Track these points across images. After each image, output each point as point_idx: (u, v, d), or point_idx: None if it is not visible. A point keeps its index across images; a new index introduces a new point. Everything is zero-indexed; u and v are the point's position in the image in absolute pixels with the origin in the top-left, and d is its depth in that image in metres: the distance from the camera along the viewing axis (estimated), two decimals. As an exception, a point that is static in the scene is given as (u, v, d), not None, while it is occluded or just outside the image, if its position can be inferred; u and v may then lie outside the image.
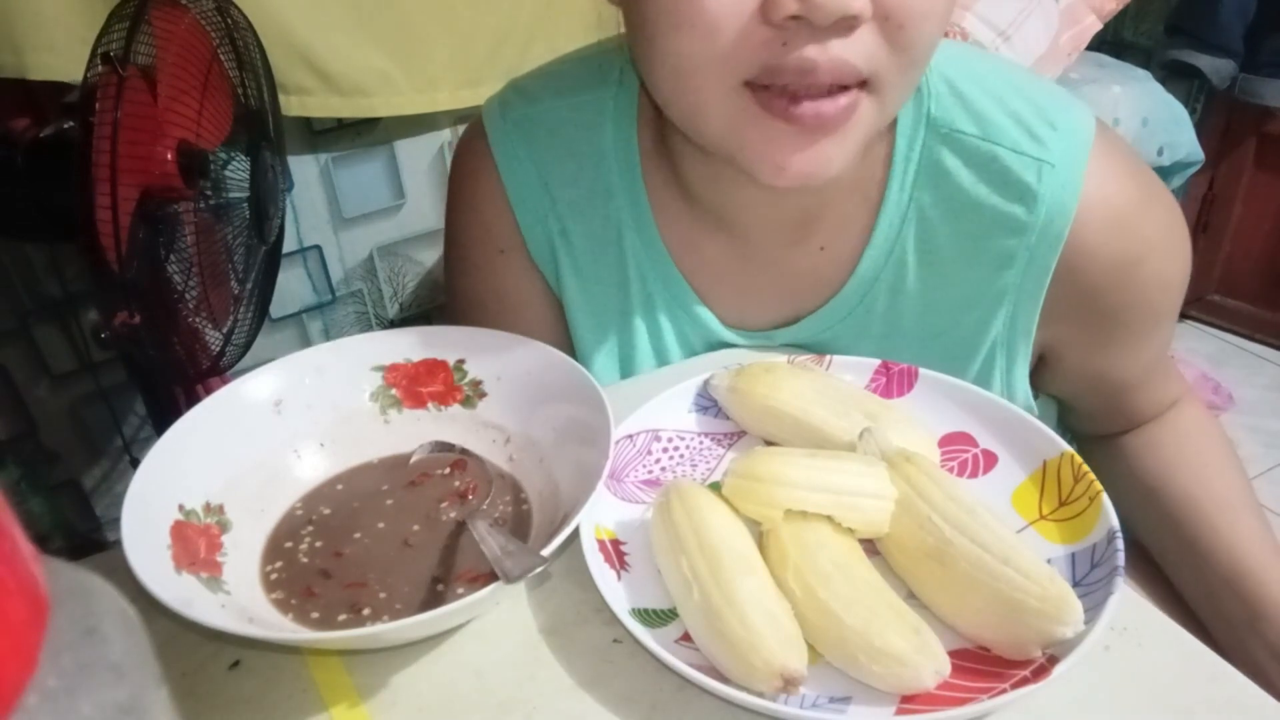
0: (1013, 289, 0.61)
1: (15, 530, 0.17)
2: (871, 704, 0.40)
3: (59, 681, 0.16)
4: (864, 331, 0.65)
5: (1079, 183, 0.57)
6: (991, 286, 0.61)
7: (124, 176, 0.81)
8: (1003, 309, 0.62)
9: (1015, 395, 0.66)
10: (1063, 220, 0.58)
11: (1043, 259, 0.59)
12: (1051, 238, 0.59)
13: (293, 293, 1.55)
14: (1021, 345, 0.64)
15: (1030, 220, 0.58)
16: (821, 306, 0.65)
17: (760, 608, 0.41)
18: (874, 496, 0.45)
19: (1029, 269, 0.60)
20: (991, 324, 0.63)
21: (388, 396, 0.58)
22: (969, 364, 0.65)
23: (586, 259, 0.68)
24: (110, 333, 0.88)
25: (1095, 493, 0.47)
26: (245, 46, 0.95)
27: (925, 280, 0.63)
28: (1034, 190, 0.58)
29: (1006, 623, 0.41)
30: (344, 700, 0.43)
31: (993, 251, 0.60)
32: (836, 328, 0.65)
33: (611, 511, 0.51)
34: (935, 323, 0.64)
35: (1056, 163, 0.57)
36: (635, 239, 0.66)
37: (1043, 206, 0.58)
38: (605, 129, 0.65)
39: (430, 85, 1.42)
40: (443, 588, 0.47)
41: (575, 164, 0.66)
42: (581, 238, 0.68)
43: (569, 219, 0.67)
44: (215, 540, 0.48)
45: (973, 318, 0.63)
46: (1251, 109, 2.03)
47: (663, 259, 0.66)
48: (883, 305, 0.64)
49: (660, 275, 0.67)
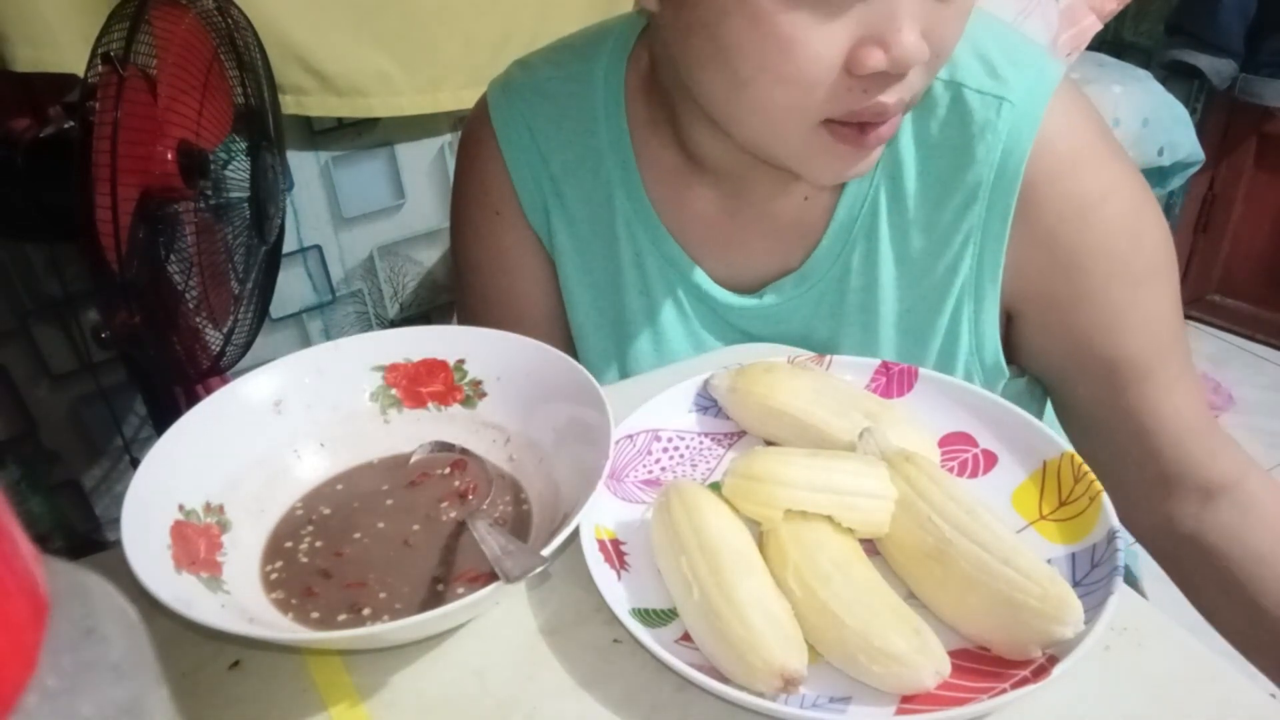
0: (978, 229, 0.62)
1: (15, 530, 0.17)
2: (871, 704, 0.40)
3: (59, 681, 0.16)
4: (844, 286, 0.66)
5: (1037, 119, 0.59)
6: (958, 228, 0.62)
7: (124, 176, 0.81)
8: (969, 250, 0.63)
9: (984, 346, 0.66)
10: (1019, 155, 0.59)
11: (1003, 197, 0.60)
12: (1009, 173, 0.60)
13: (293, 293, 1.55)
14: (989, 290, 0.64)
15: (988, 157, 0.60)
16: (805, 260, 0.66)
17: (760, 608, 0.41)
18: (874, 496, 0.45)
19: (991, 207, 0.61)
20: (960, 267, 0.63)
21: (388, 396, 0.58)
22: (940, 313, 0.65)
23: (580, 221, 0.71)
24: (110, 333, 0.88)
25: (1095, 493, 0.47)
26: (245, 46, 0.95)
27: (897, 226, 0.64)
28: (993, 125, 0.59)
29: (1006, 623, 0.41)
30: (344, 700, 0.43)
31: (958, 191, 0.61)
32: (820, 285, 0.67)
33: (611, 511, 0.51)
34: (909, 271, 0.65)
35: (1016, 101, 0.59)
36: (624, 200, 0.69)
37: (999, 142, 0.59)
38: (596, 95, 0.68)
39: (432, 86, 1.42)
40: (443, 588, 0.47)
41: (568, 129, 0.69)
42: (575, 200, 0.71)
43: (563, 182, 0.70)
44: (215, 540, 0.48)
45: (943, 263, 0.64)
46: (1251, 109, 2.03)
47: (650, 218, 0.68)
48: (860, 256, 0.65)
49: (649, 234, 0.69)
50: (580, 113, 0.69)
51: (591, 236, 0.71)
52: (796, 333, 0.69)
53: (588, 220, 0.71)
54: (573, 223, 0.71)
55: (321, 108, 1.36)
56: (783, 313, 0.69)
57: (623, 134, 0.68)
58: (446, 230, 1.66)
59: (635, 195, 0.68)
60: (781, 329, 0.69)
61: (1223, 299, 2.30)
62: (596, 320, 0.74)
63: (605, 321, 0.74)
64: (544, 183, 0.71)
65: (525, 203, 0.72)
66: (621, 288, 0.71)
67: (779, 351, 0.62)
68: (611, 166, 0.69)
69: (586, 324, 0.74)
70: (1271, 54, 1.93)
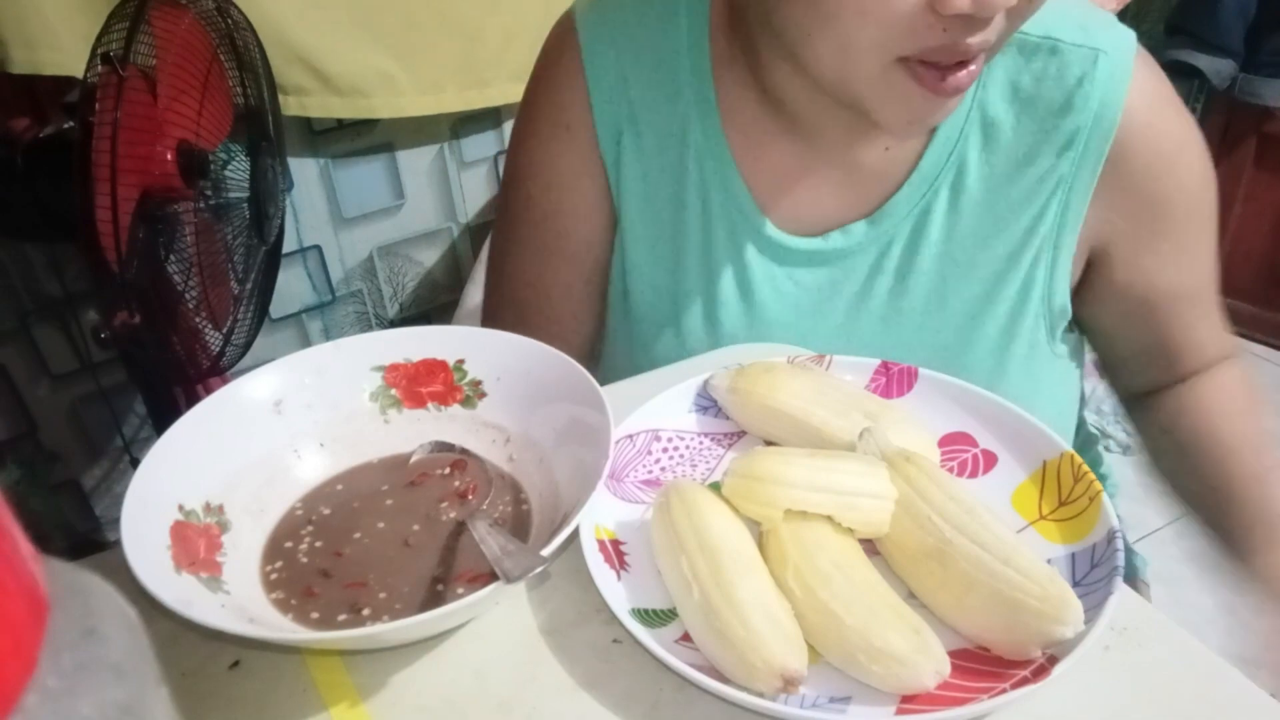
0: (1067, 177, 0.64)
1: (15, 530, 0.17)
2: (871, 704, 0.40)
3: (59, 681, 0.16)
4: (921, 236, 0.67)
5: (1129, 72, 0.62)
6: (1051, 176, 0.64)
7: (124, 176, 0.81)
8: (1055, 199, 0.65)
9: (1056, 291, 0.68)
10: (1115, 104, 0.62)
11: (1097, 145, 0.63)
12: (1106, 122, 0.62)
13: (293, 293, 1.55)
14: (1068, 240, 0.66)
15: (1086, 105, 0.62)
16: (879, 207, 0.67)
17: (760, 608, 0.41)
18: (874, 496, 0.45)
19: (1084, 156, 0.63)
20: (1045, 215, 0.65)
21: (388, 396, 0.58)
22: (1019, 260, 0.66)
23: (650, 151, 0.71)
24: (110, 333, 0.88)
25: (1095, 493, 0.47)
26: (245, 46, 0.95)
27: (987, 180, 0.65)
28: (1091, 75, 0.61)
29: (1006, 623, 0.41)
30: (344, 700, 0.43)
31: (1052, 140, 0.63)
32: (893, 231, 0.67)
33: (611, 511, 0.51)
34: (993, 223, 0.66)
35: (1110, 51, 0.61)
36: (699, 135, 0.69)
37: (1098, 90, 0.62)
38: (680, 26, 0.69)
39: (435, 87, 1.42)
40: (443, 588, 0.47)
41: (652, 59, 0.70)
42: (649, 129, 0.71)
43: (640, 108, 0.70)
44: (215, 540, 0.48)
45: (1029, 212, 0.65)
46: (1251, 109, 2.03)
47: (724, 156, 0.69)
48: (943, 206, 0.66)
49: (719, 172, 0.69)
50: (663, 41, 0.69)
51: (660, 167, 0.71)
52: (856, 285, 0.69)
53: (658, 151, 0.71)
54: (643, 152, 0.71)
55: (323, 108, 1.36)
56: (846, 257, 0.68)
57: (705, 68, 0.68)
58: (446, 230, 1.67)
59: (711, 130, 0.68)
60: (842, 278, 0.69)
61: (1223, 299, 2.29)
62: (650, 251, 0.74)
63: (661, 254, 0.73)
64: (621, 106, 0.71)
65: (600, 123, 0.71)
66: (683, 221, 0.71)
67: (779, 351, 0.62)
68: (690, 99, 0.69)
69: (640, 253, 0.74)
70: (1271, 54, 1.93)
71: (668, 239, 0.72)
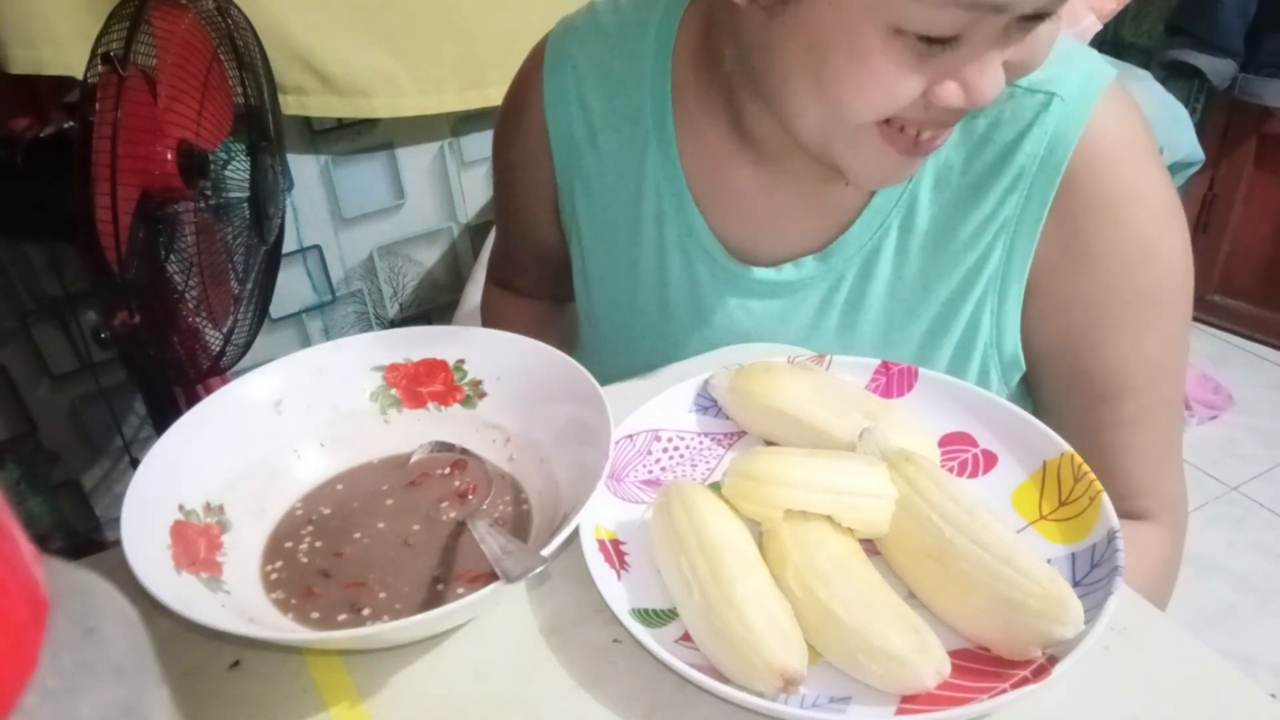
0: (1013, 219, 0.62)
1: (15, 530, 0.17)
2: (871, 704, 0.40)
3: (59, 681, 0.16)
4: (870, 272, 0.66)
5: (1086, 114, 0.59)
6: (995, 218, 0.63)
7: (124, 176, 0.81)
8: (1000, 241, 0.63)
9: (1005, 338, 0.66)
10: (1064, 148, 0.59)
11: (1043, 188, 0.61)
12: (1053, 164, 0.60)
13: (293, 293, 1.55)
14: (1015, 281, 0.64)
15: (1034, 149, 0.60)
16: (831, 242, 0.67)
17: (760, 608, 0.41)
18: (874, 496, 0.45)
19: (1030, 197, 0.61)
20: (990, 257, 0.64)
21: (388, 396, 0.58)
22: (965, 304, 0.65)
23: (610, 173, 0.72)
24: (110, 333, 0.88)
25: (1095, 493, 0.47)
26: (245, 46, 0.95)
27: (935, 220, 0.64)
28: (1041, 118, 0.60)
29: (1006, 623, 0.41)
30: (344, 700, 0.43)
31: (999, 182, 0.62)
32: (843, 267, 0.67)
33: (611, 511, 0.51)
34: (938, 265, 0.65)
35: (1066, 95, 0.59)
36: (657, 159, 0.70)
37: (1046, 134, 0.60)
38: (647, 49, 0.69)
39: (436, 87, 1.42)
40: (443, 588, 0.47)
41: (616, 77, 0.71)
42: (608, 152, 0.72)
43: (600, 132, 0.72)
44: (215, 540, 0.48)
45: (975, 254, 0.64)
46: (1251, 109, 2.03)
47: (679, 181, 0.69)
48: (891, 245, 0.65)
49: (674, 198, 0.69)
50: (630, 63, 0.70)
51: (617, 189, 0.72)
52: (806, 318, 0.69)
53: (616, 173, 0.72)
54: (602, 173, 0.72)
55: (324, 108, 1.36)
56: (797, 290, 0.68)
57: (665, 93, 0.68)
58: (446, 230, 1.67)
59: (668, 154, 0.69)
60: (793, 309, 0.69)
61: (1223, 299, 2.30)
62: (607, 268, 0.75)
63: (617, 272, 0.74)
64: (579, 128, 0.72)
65: (555, 142, 0.73)
66: (638, 244, 0.72)
67: (779, 351, 0.62)
68: (649, 125, 0.69)
69: (597, 268, 0.75)
70: (1271, 54, 1.93)
71: (624, 259, 0.73)
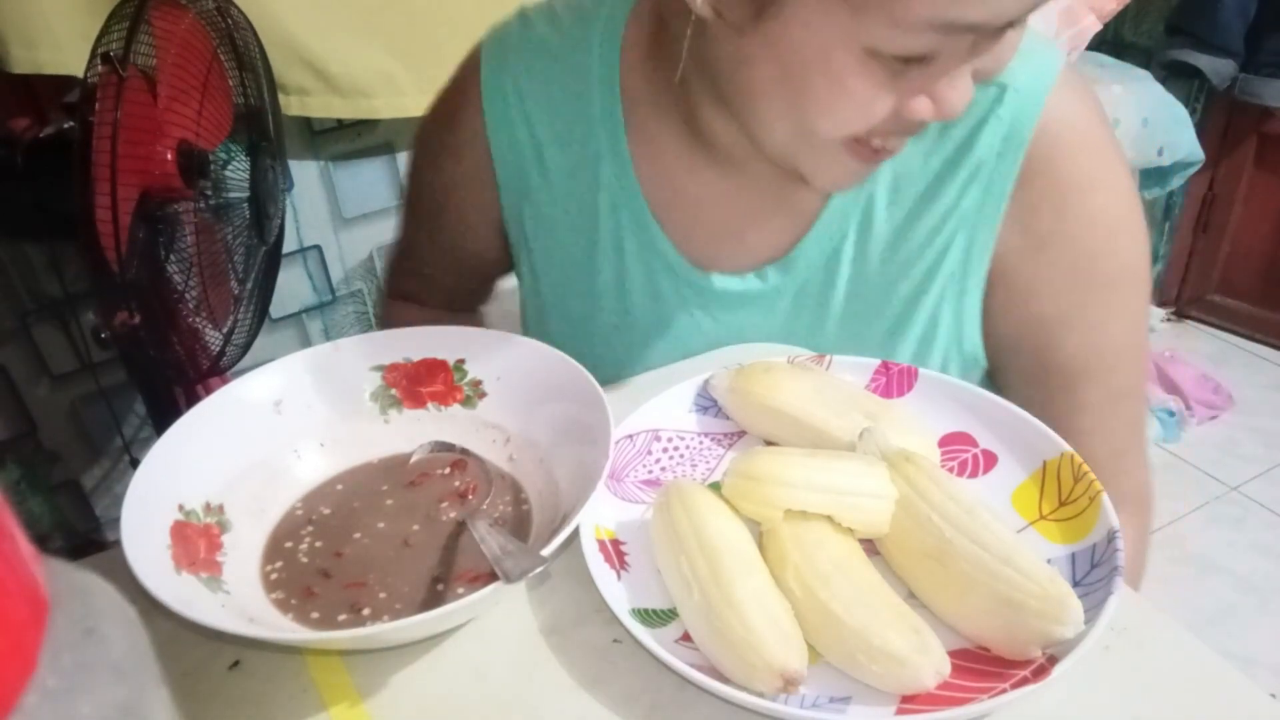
0: (971, 212, 0.62)
1: (15, 530, 0.17)
2: (871, 704, 0.40)
3: (59, 681, 0.16)
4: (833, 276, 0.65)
5: (1040, 104, 0.59)
6: (953, 213, 0.62)
7: (124, 176, 0.81)
8: (960, 236, 0.63)
9: (964, 334, 0.65)
10: (1020, 139, 0.59)
11: (1000, 180, 0.60)
12: (1009, 156, 0.60)
13: (293, 293, 1.55)
14: (974, 277, 0.63)
15: (990, 141, 0.60)
16: (794, 247, 0.66)
17: (760, 608, 0.41)
18: (874, 496, 0.45)
19: (988, 191, 0.61)
20: (949, 253, 0.63)
21: (388, 396, 0.58)
22: (921, 305, 0.65)
23: (560, 190, 0.70)
24: (110, 333, 0.88)
25: (1095, 493, 0.47)
26: (245, 46, 0.95)
27: (892, 219, 0.64)
28: (996, 111, 0.60)
29: (1006, 623, 0.41)
30: (344, 700, 0.43)
31: (956, 176, 0.62)
32: (806, 272, 0.66)
33: (611, 511, 0.51)
34: (897, 264, 0.64)
35: (1020, 86, 0.59)
36: (610, 173, 0.67)
37: (1002, 127, 0.60)
38: (591, 61, 0.67)
39: (435, 87, 1.42)
40: (443, 588, 0.47)
41: (560, 94, 0.68)
42: (558, 168, 0.69)
43: (548, 148, 0.69)
44: (215, 540, 0.48)
45: (933, 250, 0.63)
46: (1251, 109, 2.03)
47: (634, 194, 0.67)
48: (850, 248, 0.65)
49: (631, 211, 0.68)
50: (574, 78, 0.67)
51: (570, 206, 0.70)
52: (774, 325, 0.68)
53: (567, 189, 0.69)
54: (551, 189, 0.70)
55: (325, 109, 1.36)
56: (763, 299, 0.68)
57: (615, 104, 0.66)
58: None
59: (622, 169, 0.67)
60: (759, 317, 0.68)
61: (1223, 299, 2.30)
62: (562, 285, 0.73)
63: (574, 289, 0.72)
64: (524, 147, 0.69)
65: (498, 162, 0.70)
66: (595, 258, 0.70)
67: (779, 351, 0.62)
68: (601, 137, 0.67)
69: (551, 284, 0.73)
70: (1271, 54, 1.93)
71: (581, 279, 0.71)
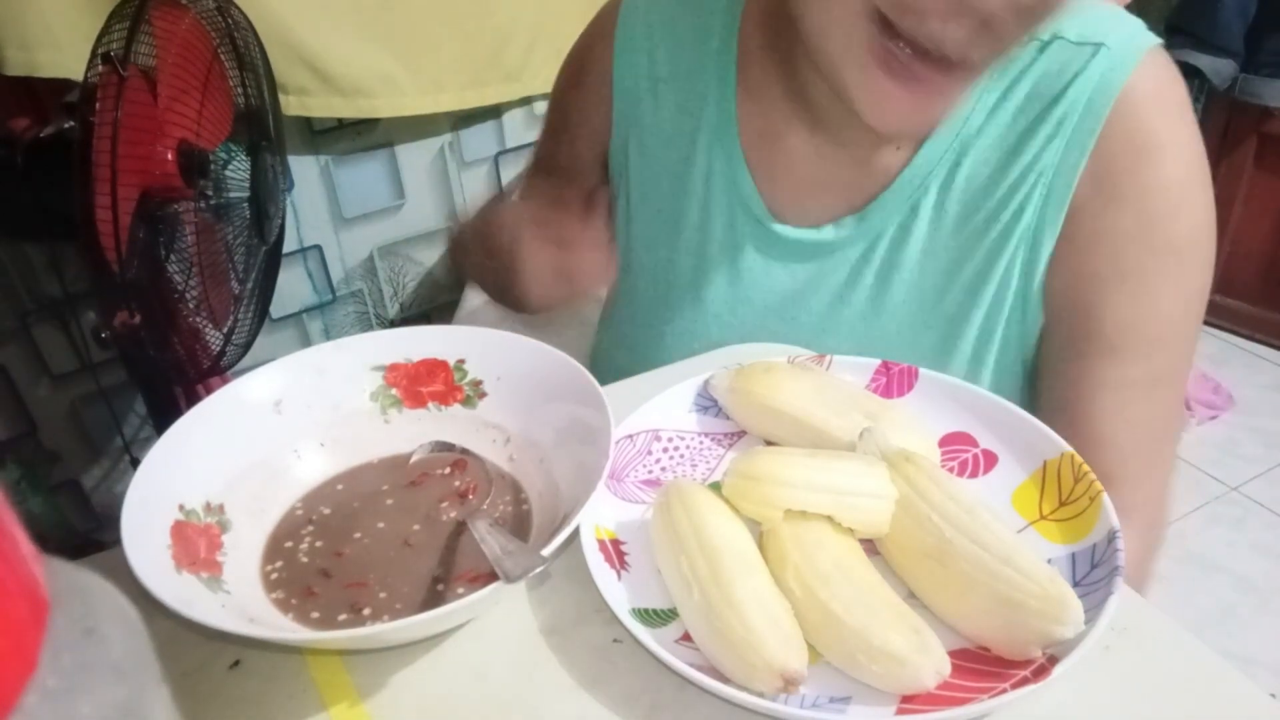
0: (1049, 168, 0.62)
1: (15, 530, 0.17)
2: (871, 704, 0.40)
3: (59, 681, 0.16)
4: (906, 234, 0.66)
5: (1130, 66, 0.60)
6: (1032, 170, 0.62)
7: (124, 176, 0.81)
8: (1037, 191, 0.63)
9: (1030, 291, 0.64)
10: (1107, 96, 0.60)
11: (1084, 134, 0.61)
12: (1095, 112, 0.60)
13: (293, 293, 1.55)
14: (1049, 231, 0.63)
15: (1077, 96, 0.60)
16: (870, 201, 0.67)
17: (760, 608, 0.41)
18: (874, 496, 0.45)
19: (1069, 144, 0.61)
20: (1026, 210, 0.63)
21: (388, 396, 0.58)
22: (999, 261, 0.64)
23: (666, 124, 0.73)
24: (110, 333, 0.88)
25: (1095, 493, 0.47)
26: (245, 46, 0.95)
27: (976, 175, 0.64)
28: (1086, 69, 0.60)
29: (1006, 623, 0.41)
30: (344, 700, 0.43)
31: (1040, 131, 0.62)
32: (880, 226, 0.67)
33: (611, 511, 0.51)
34: (975, 223, 0.65)
35: (1113, 46, 0.60)
36: (713, 115, 0.71)
37: (1090, 84, 0.60)
38: (717, 9, 0.71)
39: (435, 86, 1.42)
40: (443, 588, 0.47)
41: (683, 32, 0.72)
42: (667, 103, 0.73)
43: (662, 82, 0.73)
44: (215, 540, 0.48)
45: (1011, 208, 0.63)
46: (1251, 109, 2.03)
47: (731, 139, 0.70)
48: (930, 204, 0.66)
49: (725, 154, 0.71)
50: (699, 20, 0.71)
51: (671, 140, 0.73)
52: (841, 279, 0.69)
53: (673, 124, 0.73)
54: (659, 123, 0.73)
55: (325, 108, 1.36)
56: (835, 250, 0.69)
57: (730, 52, 0.70)
58: (447, 230, 1.67)
59: (725, 114, 0.70)
60: (829, 271, 0.69)
61: (1223, 299, 2.29)
62: (650, 222, 0.75)
63: (659, 227, 0.75)
64: (642, 79, 0.73)
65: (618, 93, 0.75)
66: (684, 195, 0.73)
67: (779, 351, 0.62)
68: (710, 78, 0.70)
69: (641, 223, 0.76)
70: (1271, 54, 1.93)
71: (668, 215, 0.74)
